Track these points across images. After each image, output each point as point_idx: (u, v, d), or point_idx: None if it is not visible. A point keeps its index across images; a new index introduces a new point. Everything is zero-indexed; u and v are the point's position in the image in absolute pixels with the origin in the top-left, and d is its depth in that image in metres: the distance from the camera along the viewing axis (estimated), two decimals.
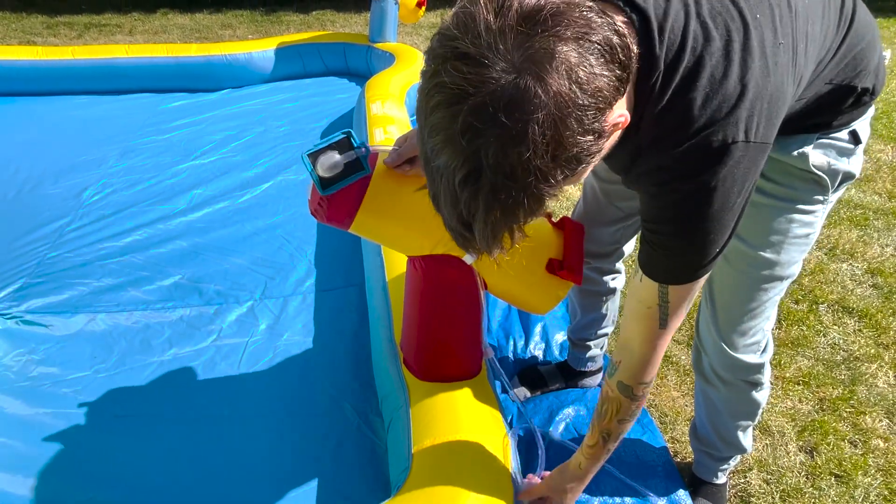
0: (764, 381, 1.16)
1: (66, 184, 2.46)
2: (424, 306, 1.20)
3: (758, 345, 1.11)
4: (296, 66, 3.56)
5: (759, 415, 1.24)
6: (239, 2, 5.65)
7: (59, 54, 3.29)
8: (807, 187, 0.93)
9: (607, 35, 0.57)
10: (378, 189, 1.05)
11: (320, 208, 1.05)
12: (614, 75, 0.58)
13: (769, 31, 0.69)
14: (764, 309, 1.05)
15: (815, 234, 0.99)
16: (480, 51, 0.54)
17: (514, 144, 0.54)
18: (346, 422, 1.47)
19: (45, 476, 1.34)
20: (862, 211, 2.47)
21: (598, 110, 0.57)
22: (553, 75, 0.53)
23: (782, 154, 0.90)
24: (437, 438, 1.12)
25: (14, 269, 1.96)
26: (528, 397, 1.58)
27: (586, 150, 0.58)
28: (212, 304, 1.83)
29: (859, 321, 1.88)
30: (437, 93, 0.56)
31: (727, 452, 1.29)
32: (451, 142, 0.56)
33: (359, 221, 1.07)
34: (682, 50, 0.66)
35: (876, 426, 1.53)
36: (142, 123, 2.99)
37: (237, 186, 2.45)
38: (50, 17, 5.05)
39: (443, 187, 0.60)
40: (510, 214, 0.60)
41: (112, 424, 1.46)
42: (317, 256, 2.05)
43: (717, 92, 0.67)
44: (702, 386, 1.22)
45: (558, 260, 1.12)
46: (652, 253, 0.80)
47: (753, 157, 0.70)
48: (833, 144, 0.90)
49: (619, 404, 0.94)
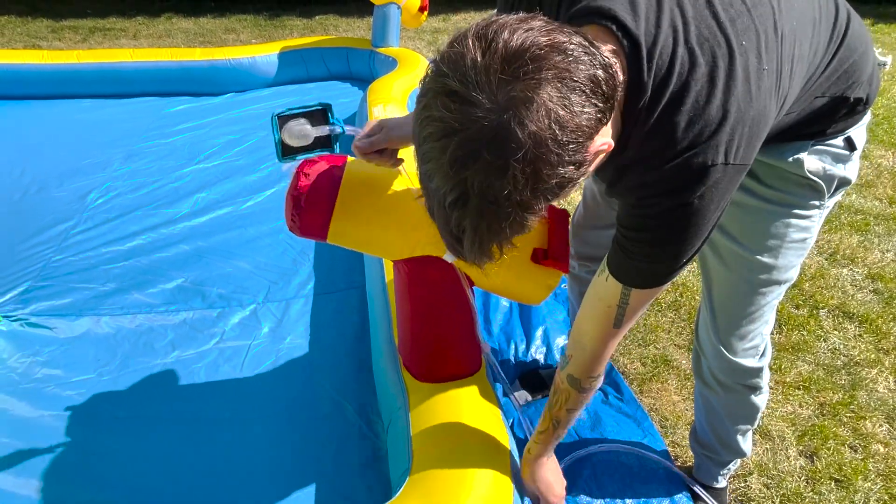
0: (763, 385, 1.17)
1: (70, 187, 2.48)
2: (414, 308, 1.22)
3: (756, 349, 1.12)
4: (299, 71, 3.58)
5: (759, 419, 1.24)
6: (243, 6, 5.68)
7: (64, 58, 3.31)
8: (803, 192, 0.94)
9: (591, 72, 0.60)
10: (348, 195, 1.06)
11: (294, 222, 1.07)
12: (597, 109, 0.61)
13: (754, 56, 0.71)
14: (762, 313, 1.06)
15: (812, 238, 1.00)
16: (467, 90, 0.58)
17: (497, 178, 0.59)
18: (347, 423, 1.48)
19: (49, 477, 1.35)
20: (863, 216, 2.47)
21: (579, 143, 0.61)
22: (532, 117, 0.57)
23: (778, 160, 0.91)
24: (438, 440, 1.13)
25: (19, 271, 1.98)
26: (529, 401, 1.58)
27: (567, 178, 0.62)
28: (215, 308, 1.84)
29: (860, 326, 1.89)
30: (428, 125, 0.61)
31: (727, 456, 1.29)
32: (441, 170, 0.61)
33: (334, 230, 1.08)
34: (669, 75, 0.69)
35: (876, 431, 1.54)
36: (146, 127, 3.01)
37: (240, 191, 2.46)
38: (55, 22, 5.09)
39: (436, 206, 0.65)
40: (496, 233, 0.65)
41: (115, 426, 1.47)
42: (319, 260, 2.06)
43: (700, 116, 0.70)
44: (701, 390, 1.23)
45: (542, 249, 1.11)
46: (623, 257, 0.83)
47: (731, 177, 0.74)
48: (828, 151, 0.92)
49: (569, 395, 1.00)
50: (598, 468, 1.40)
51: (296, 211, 1.05)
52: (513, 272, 1.14)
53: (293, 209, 1.06)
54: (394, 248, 1.13)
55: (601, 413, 1.54)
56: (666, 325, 1.87)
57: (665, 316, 1.91)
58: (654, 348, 1.78)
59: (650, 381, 1.67)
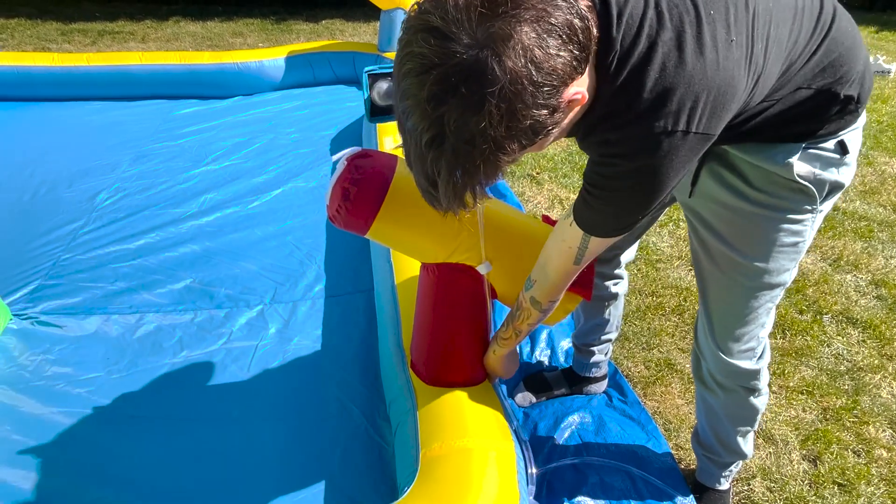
0: (761, 387, 1.18)
1: (80, 187, 2.50)
2: (437, 313, 1.22)
3: (753, 351, 1.13)
4: (306, 75, 3.61)
5: (758, 421, 1.25)
6: (249, 10, 5.72)
7: (74, 61, 3.35)
8: (794, 197, 0.94)
9: (568, 18, 0.62)
10: (397, 196, 1.06)
11: (338, 213, 1.06)
12: (572, 55, 0.63)
13: (722, 27, 0.72)
14: (757, 315, 1.07)
15: (805, 242, 1.00)
16: (448, 26, 0.60)
17: (473, 113, 0.61)
18: (353, 425, 1.49)
19: (57, 474, 1.36)
20: (867, 223, 2.48)
21: (554, 87, 0.62)
22: (510, 54, 0.59)
23: (768, 163, 0.92)
24: (445, 443, 1.13)
25: (29, 270, 2.00)
26: (533, 403, 1.59)
27: (541, 122, 0.64)
28: (222, 308, 1.86)
29: (863, 332, 1.89)
30: (409, 61, 0.62)
31: (728, 458, 1.30)
32: (419, 107, 0.63)
33: (376, 228, 1.08)
34: (638, 35, 0.70)
35: (879, 436, 1.54)
36: (154, 129, 3.04)
37: (248, 192, 2.49)
38: (64, 24, 5.14)
39: (412, 147, 0.66)
40: (470, 176, 0.66)
41: (123, 424, 1.48)
42: (326, 263, 2.08)
43: (665, 79, 0.70)
44: (701, 392, 1.24)
45: None
46: (584, 207, 0.86)
47: (693, 146, 0.74)
48: (819, 155, 0.92)
49: (530, 314, 1.08)
50: (603, 472, 1.41)
51: (343, 202, 1.04)
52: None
53: (341, 200, 1.04)
54: (430, 253, 1.14)
55: (605, 416, 1.55)
56: (670, 329, 1.88)
57: (669, 320, 1.91)
58: (657, 352, 1.79)
59: (654, 384, 1.68)
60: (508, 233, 1.16)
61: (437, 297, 1.20)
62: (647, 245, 2.27)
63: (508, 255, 1.15)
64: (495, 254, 1.14)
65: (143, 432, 1.46)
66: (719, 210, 1.00)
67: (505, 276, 1.16)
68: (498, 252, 1.14)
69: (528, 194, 2.62)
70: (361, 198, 1.04)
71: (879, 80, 4.33)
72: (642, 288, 2.05)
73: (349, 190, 1.04)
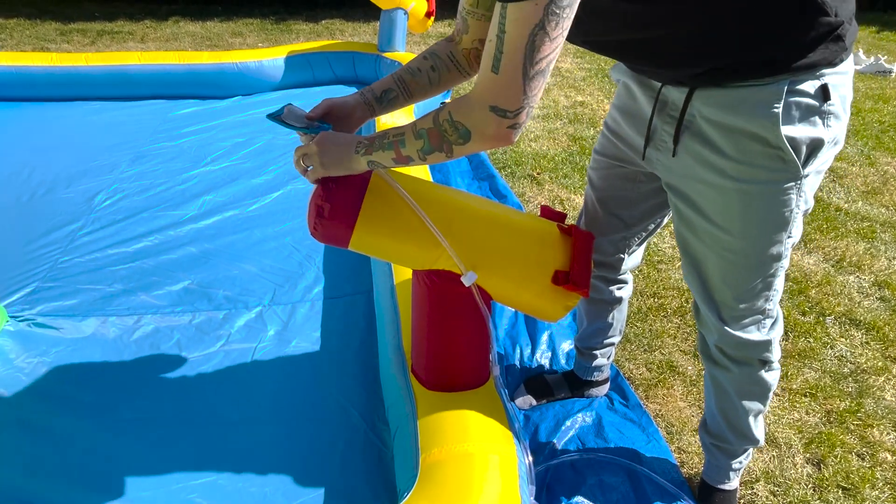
0: (773, 360, 1.14)
1: (78, 188, 2.49)
2: (431, 320, 1.21)
3: (760, 323, 1.09)
4: (305, 75, 3.60)
5: (769, 401, 1.22)
6: (249, 10, 5.71)
7: (73, 61, 3.33)
8: (772, 165, 0.90)
9: None
10: (372, 207, 1.06)
11: (316, 230, 1.07)
12: None
13: None
14: (755, 289, 1.04)
15: (795, 211, 0.95)
16: None
17: None
18: (352, 429, 1.48)
19: (54, 477, 1.35)
20: (869, 223, 2.47)
21: None
22: None
23: (747, 121, 0.88)
24: (445, 447, 1.12)
25: (27, 272, 1.99)
26: (534, 406, 1.58)
27: None
28: (221, 310, 1.85)
29: (866, 334, 1.88)
30: None
31: (738, 444, 1.26)
32: None
33: (355, 241, 1.08)
34: None
35: (884, 439, 1.53)
36: (153, 129, 3.03)
37: (247, 194, 2.47)
38: (63, 24, 5.12)
39: None
40: None
41: (120, 427, 1.47)
42: (325, 264, 2.07)
43: None
44: (710, 370, 1.21)
45: (564, 272, 1.11)
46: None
47: None
48: (798, 103, 0.86)
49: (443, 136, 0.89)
50: (602, 472, 1.40)
51: (318, 220, 1.06)
52: (532, 292, 1.14)
53: (316, 218, 1.06)
54: (415, 261, 1.13)
55: (606, 419, 1.54)
56: (672, 331, 1.86)
57: (671, 321, 1.90)
58: (659, 354, 1.78)
59: (656, 386, 1.66)
60: (489, 234, 1.13)
61: (431, 306, 1.19)
62: (648, 246, 2.26)
63: (494, 259, 1.12)
64: (479, 260, 1.11)
65: (140, 435, 1.45)
66: (702, 188, 0.98)
67: (494, 279, 1.13)
68: (481, 257, 1.11)
69: (529, 194, 2.61)
70: (335, 213, 1.05)
71: (881, 81, 4.32)
72: (644, 289, 2.04)
73: (322, 207, 1.05)
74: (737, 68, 0.87)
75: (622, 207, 1.24)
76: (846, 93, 0.91)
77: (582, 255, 1.14)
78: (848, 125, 0.94)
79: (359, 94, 1.11)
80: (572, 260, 1.14)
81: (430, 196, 1.12)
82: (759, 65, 0.86)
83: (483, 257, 1.11)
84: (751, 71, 0.87)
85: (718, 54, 0.87)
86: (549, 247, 1.14)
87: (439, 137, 0.87)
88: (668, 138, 1.00)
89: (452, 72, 1.09)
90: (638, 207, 1.24)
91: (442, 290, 1.15)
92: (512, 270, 1.13)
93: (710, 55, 0.88)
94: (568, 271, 1.12)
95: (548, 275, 1.12)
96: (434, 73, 1.08)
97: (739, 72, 0.87)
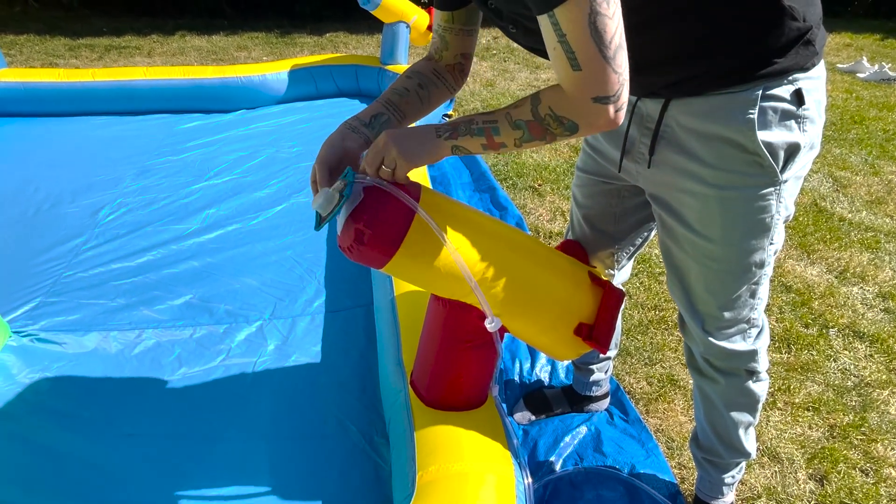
0: (760, 370, 1.14)
1: (83, 203, 2.52)
2: (443, 344, 1.19)
3: (746, 332, 1.09)
4: (309, 88, 3.63)
5: (759, 412, 1.21)
6: (254, 24, 5.78)
7: (80, 76, 3.38)
8: (750, 171, 0.91)
9: None
10: (417, 238, 0.97)
11: (350, 251, 0.97)
12: None
13: None
14: (740, 298, 1.03)
15: (776, 217, 0.96)
16: None
17: None
18: (351, 444, 1.48)
19: (54, 492, 1.35)
20: (873, 234, 2.45)
21: None
22: None
23: (723, 127, 0.89)
24: (442, 464, 1.12)
25: (31, 287, 2.01)
26: (532, 421, 1.57)
27: None
28: (221, 324, 1.86)
29: (870, 346, 1.86)
30: None
31: (729, 457, 1.24)
32: None
33: (391, 267, 1.00)
34: None
35: (888, 454, 1.51)
36: (158, 144, 3.06)
37: (249, 207, 2.49)
38: (72, 40, 5.20)
39: None
40: None
41: (120, 442, 1.48)
42: (326, 278, 2.07)
43: None
44: (698, 382, 1.20)
45: (588, 325, 1.09)
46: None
47: None
48: (774, 107, 0.87)
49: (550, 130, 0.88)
50: (600, 486, 1.39)
51: (356, 245, 0.95)
52: (552, 338, 1.13)
53: (354, 241, 0.95)
54: (443, 291, 1.08)
55: (605, 434, 1.53)
56: (673, 344, 1.85)
57: (672, 334, 1.89)
58: (660, 367, 1.77)
59: (656, 400, 1.65)
60: (523, 281, 1.08)
61: (445, 330, 1.17)
62: (649, 258, 2.25)
63: (523, 306, 1.09)
64: (508, 304, 1.07)
65: (140, 450, 1.45)
66: (682, 197, 0.98)
67: (518, 321, 1.11)
68: (511, 302, 1.08)
69: (530, 206, 2.61)
70: (376, 243, 0.95)
71: (885, 89, 4.30)
72: (644, 301, 2.03)
73: (363, 233, 0.94)
74: (710, 77, 0.88)
75: (608, 223, 1.24)
76: (820, 97, 0.92)
77: (608, 312, 1.12)
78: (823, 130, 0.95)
79: (344, 126, 1.04)
80: (598, 316, 1.11)
81: (469, 227, 1.04)
82: (732, 72, 0.87)
83: (513, 303, 1.08)
84: (724, 79, 0.88)
85: (690, 64, 0.88)
86: (579, 298, 1.12)
87: (542, 130, 0.86)
88: (644, 150, 1.01)
89: (440, 88, 1.10)
90: (624, 222, 1.24)
91: (460, 319, 1.13)
92: (539, 318, 1.10)
93: (682, 65, 0.89)
94: (592, 325, 1.10)
95: (571, 326, 1.10)
96: (423, 90, 1.08)
97: (713, 80, 0.88)
